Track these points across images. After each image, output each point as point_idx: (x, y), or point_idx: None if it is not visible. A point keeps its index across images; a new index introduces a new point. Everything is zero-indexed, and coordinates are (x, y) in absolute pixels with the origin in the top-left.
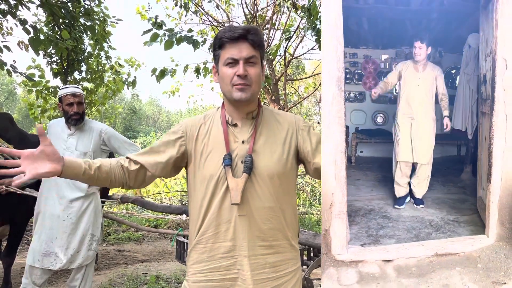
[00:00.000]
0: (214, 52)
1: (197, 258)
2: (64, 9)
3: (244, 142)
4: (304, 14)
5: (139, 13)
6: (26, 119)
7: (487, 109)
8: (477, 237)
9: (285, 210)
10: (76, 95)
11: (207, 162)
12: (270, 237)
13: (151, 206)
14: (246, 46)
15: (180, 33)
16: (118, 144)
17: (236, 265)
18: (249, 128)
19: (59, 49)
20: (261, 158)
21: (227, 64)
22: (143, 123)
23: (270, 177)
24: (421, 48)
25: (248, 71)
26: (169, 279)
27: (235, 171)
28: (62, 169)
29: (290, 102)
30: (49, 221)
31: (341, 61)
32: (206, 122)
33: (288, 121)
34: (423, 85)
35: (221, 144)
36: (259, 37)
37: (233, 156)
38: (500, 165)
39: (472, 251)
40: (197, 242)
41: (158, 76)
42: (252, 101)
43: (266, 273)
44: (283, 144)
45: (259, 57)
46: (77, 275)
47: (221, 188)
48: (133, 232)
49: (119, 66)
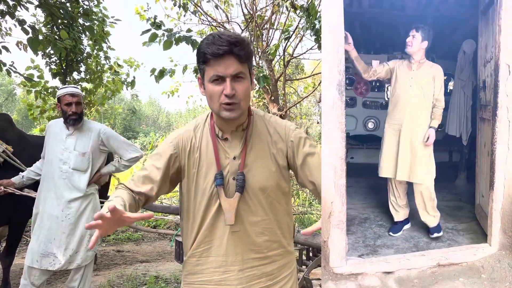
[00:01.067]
0: (198, 65)
1: (191, 270)
2: (63, 9)
3: (236, 158)
4: (303, 14)
5: (138, 13)
6: (26, 120)
7: (488, 115)
8: (479, 246)
9: (279, 220)
10: (74, 95)
11: (199, 178)
12: (265, 249)
13: (150, 206)
14: (232, 61)
15: (179, 33)
16: (117, 145)
17: (227, 280)
18: (239, 141)
19: (58, 50)
20: (252, 173)
21: (213, 81)
22: (143, 123)
23: (262, 191)
24: (414, 37)
25: (236, 87)
26: (168, 279)
27: (227, 188)
28: None
29: (290, 102)
30: (48, 221)
31: (342, 64)
32: (196, 134)
33: (278, 133)
34: (416, 86)
35: (211, 161)
36: (246, 50)
37: (224, 173)
38: (503, 172)
39: (475, 260)
40: (191, 255)
41: (157, 76)
42: (241, 115)
43: (263, 282)
44: (275, 156)
45: (247, 71)
46: (76, 275)
47: (214, 205)
48: (133, 233)
49: (118, 66)
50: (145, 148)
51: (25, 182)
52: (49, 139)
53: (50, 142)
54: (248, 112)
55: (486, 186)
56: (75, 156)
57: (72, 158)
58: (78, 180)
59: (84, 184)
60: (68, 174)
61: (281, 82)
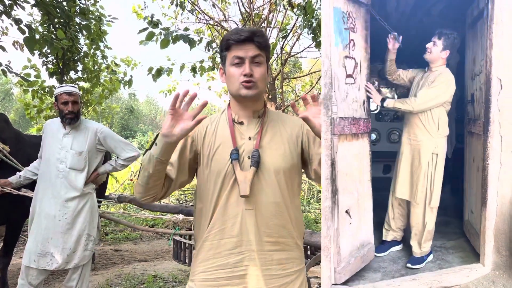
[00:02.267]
0: (221, 53)
1: (204, 256)
2: (59, 8)
3: (251, 139)
4: (300, 12)
5: (135, 12)
6: (23, 119)
7: (477, 129)
8: (472, 267)
9: (289, 207)
10: (71, 94)
11: (214, 158)
12: (276, 233)
13: (148, 205)
14: (252, 47)
15: (176, 32)
16: (114, 144)
17: (243, 261)
18: (255, 126)
19: (55, 49)
20: (267, 153)
21: (234, 64)
22: (140, 122)
23: (276, 172)
24: (435, 44)
25: (254, 70)
26: (166, 278)
27: (243, 166)
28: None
29: (287, 101)
30: (45, 221)
31: (328, 77)
32: (212, 123)
33: (293, 122)
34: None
35: (228, 140)
36: (265, 39)
37: (240, 152)
38: (496, 189)
39: (468, 282)
40: (204, 239)
41: (154, 75)
42: (258, 99)
43: (273, 270)
44: (289, 142)
45: (265, 57)
46: (73, 275)
47: (228, 183)
48: (131, 232)
49: (115, 65)
50: (142, 147)
51: (22, 182)
52: (46, 138)
53: (47, 141)
54: (264, 104)
55: (476, 202)
56: (71, 155)
57: (68, 157)
58: (75, 179)
59: (81, 183)
60: (65, 173)
61: (279, 80)
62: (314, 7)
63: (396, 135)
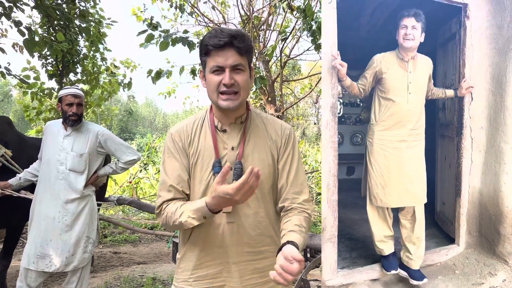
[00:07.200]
0: (201, 57)
1: (185, 266)
2: (59, 10)
3: (234, 149)
4: (300, 15)
5: (135, 14)
6: (22, 121)
7: (450, 133)
8: (449, 247)
9: (272, 216)
10: (77, 96)
11: (196, 167)
12: (258, 243)
13: (148, 207)
14: (232, 53)
15: (175, 34)
16: (114, 147)
17: (223, 272)
18: (238, 133)
19: (54, 51)
20: (249, 164)
21: (213, 71)
22: (140, 124)
23: None
24: (415, 28)
25: (235, 78)
26: (165, 281)
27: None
28: None
29: (286, 103)
30: (44, 223)
31: (335, 88)
32: (196, 127)
33: (274, 128)
34: (414, 88)
35: (210, 149)
36: (246, 43)
37: (222, 162)
38: (467, 181)
39: (447, 260)
40: (187, 249)
41: (154, 78)
42: (240, 107)
43: (254, 279)
44: (271, 149)
45: (247, 63)
46: (72, 277)
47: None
48: (130, 234)
49: (114, 67)
50: (141, 149)
51: (22, 184)
52: (46, 140)
53: (47, 142)
54: (247, 106)
55: (448, 194)
56: (72, 157)
57: (69, 159)
58: (75, 181)
59: (81, 185)
60: (65, 175)
61: (278, 83)
62: (314, 10)
63: (358, 137)
